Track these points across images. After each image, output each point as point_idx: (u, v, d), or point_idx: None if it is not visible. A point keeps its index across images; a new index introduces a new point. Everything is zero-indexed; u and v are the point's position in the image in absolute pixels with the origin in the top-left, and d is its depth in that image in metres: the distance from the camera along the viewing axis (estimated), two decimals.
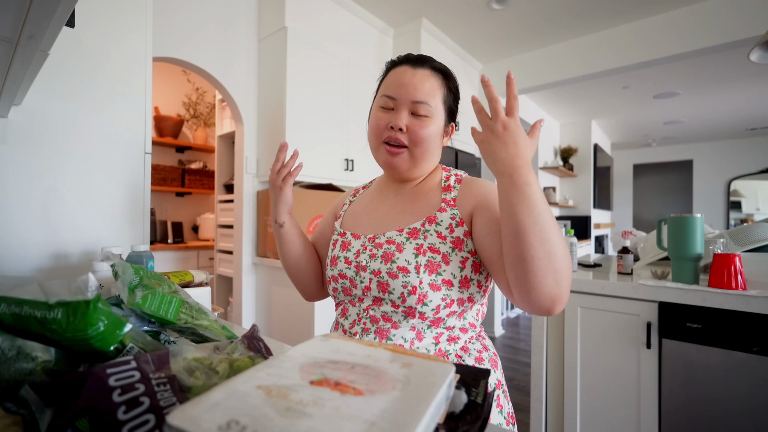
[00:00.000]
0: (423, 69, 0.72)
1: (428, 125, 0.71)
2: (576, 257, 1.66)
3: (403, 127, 0.70)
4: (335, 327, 0.78)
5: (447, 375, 0.34)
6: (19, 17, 0.47)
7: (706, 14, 2.58)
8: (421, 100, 0.70)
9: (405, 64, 0.74)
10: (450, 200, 0.72)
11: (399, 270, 0.66)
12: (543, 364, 1.60)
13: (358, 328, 0.71)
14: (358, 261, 0.72)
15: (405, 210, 0.75)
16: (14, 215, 0.96)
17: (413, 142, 0.71)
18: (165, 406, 0.31)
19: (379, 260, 0.69)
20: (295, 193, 2.20)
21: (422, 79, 0.71)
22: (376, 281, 0.68)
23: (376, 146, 0.75)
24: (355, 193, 0.91)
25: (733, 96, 4.46)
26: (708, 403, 1.23)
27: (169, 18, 1.98)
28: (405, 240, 0.69)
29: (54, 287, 0.51)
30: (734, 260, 1.21)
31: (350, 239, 0.77)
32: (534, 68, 3.39)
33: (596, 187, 5.70)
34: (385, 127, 0.72)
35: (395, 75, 0.73)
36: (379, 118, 0.73)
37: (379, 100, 0.75)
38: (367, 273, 0.70)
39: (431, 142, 0.72)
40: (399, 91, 0.71)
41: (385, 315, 0.68)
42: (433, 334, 0.68)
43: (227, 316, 2.72)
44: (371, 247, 0.72)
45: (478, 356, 0.70)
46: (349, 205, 0.87)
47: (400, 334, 0.67)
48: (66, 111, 1.04)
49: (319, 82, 2.39)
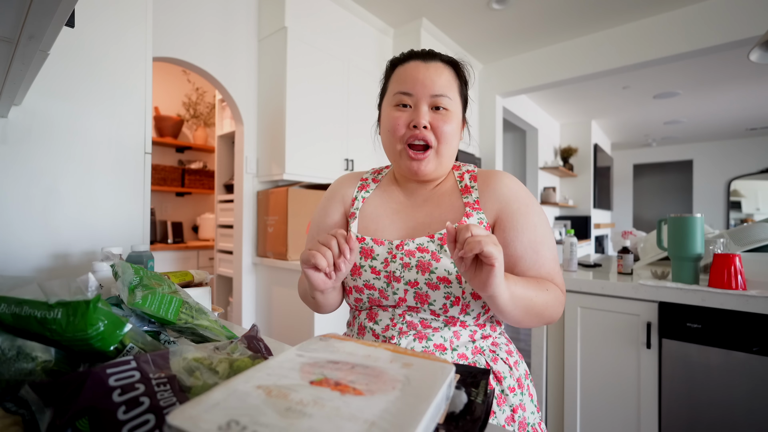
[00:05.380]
0: (435, 62, 0.69)
1: (451, 119, 0.68)
2: (576, 257, 1.66)
3: (427, 123, 0.66)
4: (359, 332, 0.73)
5: (447, 375, 0.34)
6: (19, 17, 0.47)
7: (706, 14, 2.58)
8: (441, 93, 0.67)
9: (414, 60, 0.70)
10: (473, 203, 0.69)
11: (440, 281, 0.64)
12: (543, 364, 1.60)
13: (394, 331, 0.67)
14: (388, 271, 0.67)
15: (431, 214, 0.71)
16: (14, 215, 0.96)
17: (438, 139, 0.67)
18: (165, 406, 0.31)
19: (414, 270, 0.65)
20: (295, 193, 2.20)
21: (437, 71, 0.68)
22: (413, 292, 0.65)
23: (397, 150, 0.69)
24: (364, 186, 0.80)
25: (733, 96, 4.46)
26: (708, 403, 1.23)
27: (169, 18, 1.98)
28: (439, 248, 0.66)
29: (54, 287, 0.51)
30: (734, 260, 1.21)
31: (371, 245, 0.70)
32: (534, 68, 3.39)
33: (596, 187, 5.70)
34: (406, 126, 0.67)
35: (406, 71, 0.69)
36: (397, 117, 0.68)
37: (392, 98, 0.70)
38: (402, 284, 0.66)
39: (455, 137, 0.69)
40: (416, 87, 0.67)
41: (423, 321, 0.67)
42: (468, 333, 0.68)
43: (227, 316, 2.72)
44: (401, 255, 0.67)
45: (507, 349, 0.72)
46: (362, 203, 0.78)
47: (440, 334, 0.66)
48: (66, 111, 1.04)
49: (319, 82, 2.38)
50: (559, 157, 5.60)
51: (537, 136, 4.89)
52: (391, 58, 0.76)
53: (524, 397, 0.69)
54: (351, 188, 0.80)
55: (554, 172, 5.27)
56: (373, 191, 0.80)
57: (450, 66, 0.71)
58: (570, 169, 5.45)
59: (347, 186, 0.81)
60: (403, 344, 0.66)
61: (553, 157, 5.54)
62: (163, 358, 0.38)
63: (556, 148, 5.67)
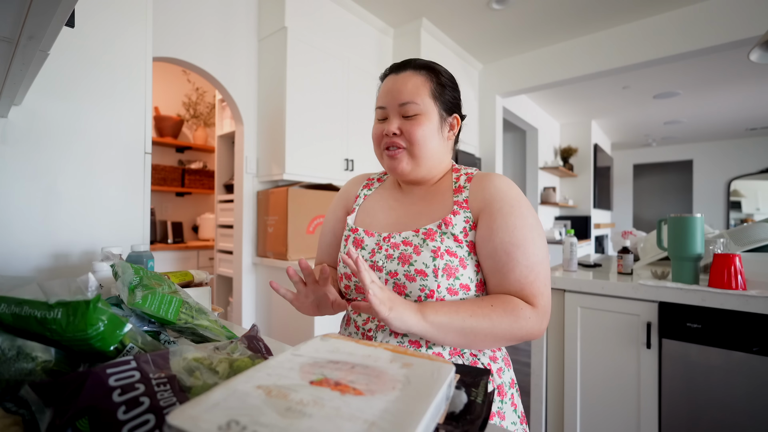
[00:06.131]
0: (404, 72, 0.74)
1: (420, 123, 0.71)
2: (576, 257, 1.66)
3: (396, 130, 0.72)
4: (346, 323, 0.78)
5: (447, 375, 0.34)
6: (19, 17, 0.47)
7: (706, 14, 2.58)
8: (405, 101, 0.71)
9: (390, 74, 0.76)
10: (462, 202, 0.71)
11: (417, 273, 0.66)
12: (543, 364, 1.60)
13: (372, 324, 0.71)
14: (373, 260, 0.72)
15: (421, 211, 0.75)
16: (14, 215, 0.96)
17: (409, 142, 0.72)
18: (165, 406, 0.31)
19: (395, 261, 0.69)
20: (295, 193, 2.20)
21: (404, 80, 0.73)
22: (392, 282, 0.68)
23: (380, 155, 0.77)
24: (369, 185, 0.88)
25: (733, 96, 4.46)
26: (708, 403, 1.23)
27: (169, 18, 1.98)
28: (422, 242, 0.68)
29: (54, 287, 0.51)
30: (734, 260, 1.21)
31: (363, 236, 0.76)
32: (534, 68, 3.39)
33: (596, 187, 5.70)
34: (382, 136, 0.74)
35: (384, 86, 0.76)
36: (376, 129, 0.76)
37: (375, 113, 0.77)
38: (383, 274, 0.69)
39: (428, 139, 0.72)
40: (387, 99, 0.74)
41: None
42: None
43: (227, 316, 2.72)
44: (387, 247, 0.71)
45: (492, 355, 0.71)
46: (363, 200, 0.85)
47: None
48: (66, 111, 1.04)
49: (319, 82, 2.38)
50: (559, 157, 5.60)
51: (537, 136, 4.89)
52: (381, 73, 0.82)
53: (504, 405, 0.68)
54: (357, 187, 0.89)
55: (554, 172, 5.27)
56: (375, 189, 0.87)
57: (422, 70, 0.74)
58: (570, 169, 5.45)
59: (354, 185, 0.90)
60: (379, 338, 0.69)
61: (553, 157, 5.54)
62: (163, 358, 0.38)
63: (556, 148, 5.67)
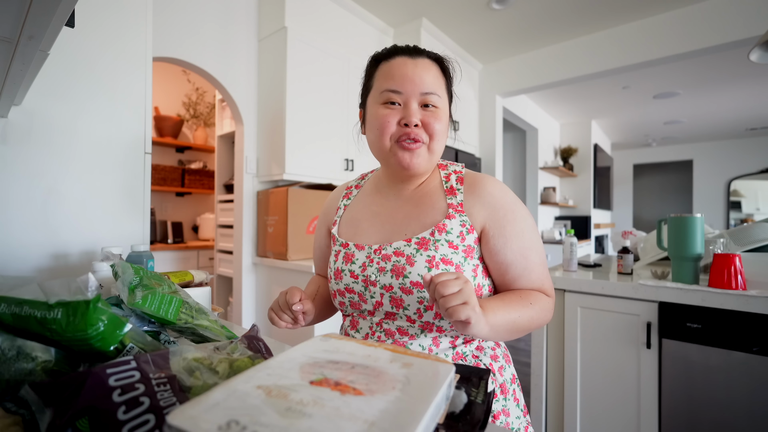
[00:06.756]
0: (422, 58, 0.68)
1: (441, 116, 0.67)
2: (576, 257, 1.66)
3: (419, 122, 0.65)
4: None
5: (447, 375, 0.34)
6: (19, 17, 0.47)
7: (706, 14, 2.58)
8: (431, 90, 0.66)
9: (400, 55, 0.68)
10: (457, 205, 0.68)
11: (413, 285, 0.63)
12: (543, 364, 1.60)
13: (372, 340, 0.68)
14: (365, 275, 0.68)
15: (409, 215, 0.71)
16: (14, 215, 0.96)
17: (430, 137, 0.67)
18: (165, 406, 0.31)
19: (389, 275, 0.65)
20: (295, 193, 2.20)
21: (426, 68, 0.67)
22: (389, 296, 0.66)
23: (387, 147, 0.68)
24: (347, 194, 0.83)
25: (733, 96, 4.46)
26: (708, 403, 1.23)
27: (169, 18, 1.98)
28: (415, 251, 0.65)
29: (54, 287, 0.51)
30: (734, 260, 1.21)
31: (353, 250, 0.72)
32: (534, 68, 3.39)
33: (596, 187, 5.70)
34: (398, 125, 0.66)
35: (392, 67, 0.67)
36: (386, 115, 0.66)
37: (379, 96, 0.68)
38: (378, 288, 0.66)
39: (445, 134, 0.70)
40: (405, 84, 0.65)
41: (401, 329, 0.66)
42: (449, 339, 0.67)
43: (227, 316, 2.72)
44: (378, 260, 0.68)
45: (493, 354, 0.70)
46: (344, 210, 0.81)
47: (418, 342, 0.66)
48: (66, 111, 1.04)
49: (319, 82, 2.38)
50: (559, 157, 5.60)
51: (537, 136, 4.89)
52: (373, 54, 0.73)
53: (508, 402, 0.68)
54: (336, 200, 0.84)
55: (554, 172, 5.27)
56: (355, 197, 0.82)
57: (436, 62, 0.71)
58: (570, 169, 5.45)
59: (333, 200, 0.86)
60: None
61: (553, 157, 5.54)
62: (163, 358, 0.38)
63: (556, 148, 5.67)
